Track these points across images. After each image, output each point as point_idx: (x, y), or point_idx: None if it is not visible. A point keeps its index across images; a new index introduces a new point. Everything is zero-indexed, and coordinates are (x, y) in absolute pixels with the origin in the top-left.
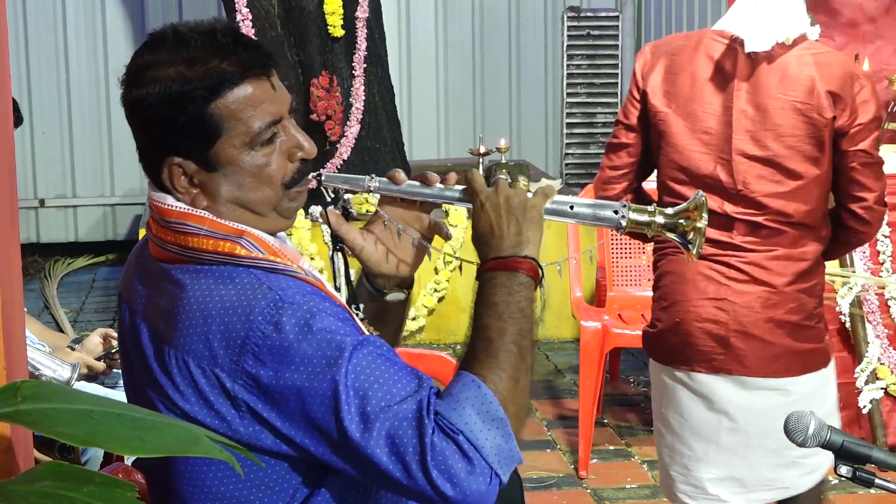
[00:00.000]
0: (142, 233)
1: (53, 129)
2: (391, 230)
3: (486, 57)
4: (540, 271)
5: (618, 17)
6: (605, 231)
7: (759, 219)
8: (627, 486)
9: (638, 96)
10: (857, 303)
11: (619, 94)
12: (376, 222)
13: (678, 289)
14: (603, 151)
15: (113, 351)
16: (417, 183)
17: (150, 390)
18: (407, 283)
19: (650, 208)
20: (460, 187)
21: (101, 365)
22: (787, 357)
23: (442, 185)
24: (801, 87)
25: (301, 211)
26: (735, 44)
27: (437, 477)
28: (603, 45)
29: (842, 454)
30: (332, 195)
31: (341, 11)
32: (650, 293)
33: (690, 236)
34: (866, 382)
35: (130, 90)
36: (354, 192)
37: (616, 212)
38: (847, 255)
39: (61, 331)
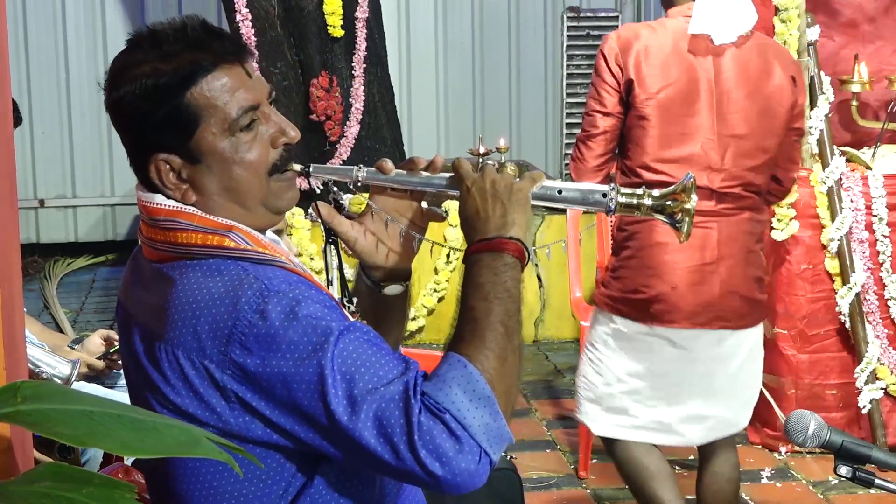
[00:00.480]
0: None
1: (53, 130)
2: (380, 220)
3: (485, 57)
4: (526, 253)
5: (617, 17)
6: (605, 229)
7: (736, 189)
8: (627, 487)
9: (617, 85)
10: (857, 303)
11: None
12: (367, 213)
13: (670, 258)
14: None
15: (112, 351)
16: (405, 172)
17: (144, 388)
18: (404, 276)
19: (639, 191)
20: (447, 175)
21: (100, 363)
22: (754, 308)
23: (429, 173)
24: (769, 72)
25: (300, 211)
26: (702, 36)
27: (425, 456)
28: None
29: (842, 454)
30: (322, 187)
31: (341, 12)
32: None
33: (679, 217)
34: (866, 382)
35: (110, 93)
36: (345, 185)
37: (605, 195)
38: (847, 256)
39: (61, 331)
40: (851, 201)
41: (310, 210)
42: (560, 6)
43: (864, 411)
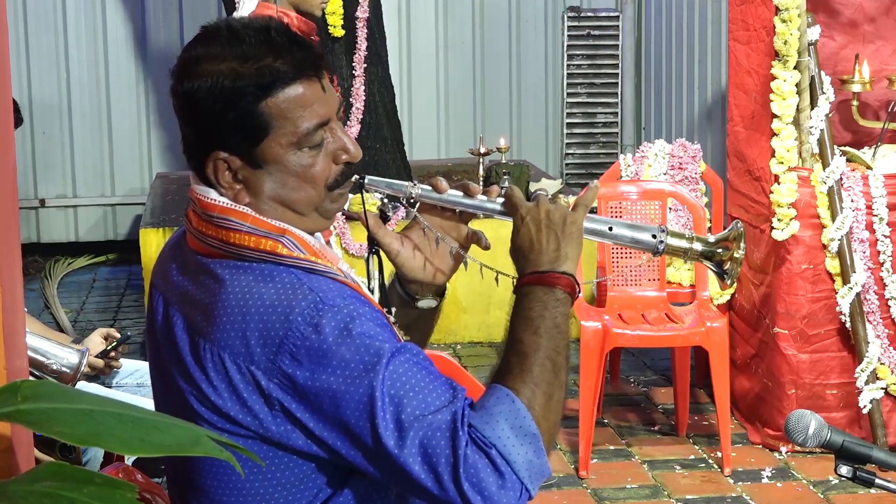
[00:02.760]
0: (142, 233)
1: (54, 130)
2: (429, 237)
3: (486, 57)
4: (577, 288)
5: (618, 16)
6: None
7: None
8: (628, 486)
9: None
10: (857, 303)
11: (619, 94)
12: (414, 228)
13: None
14: (603, 151)
15: (110, 349)
16: (459, 192)
17: (182, 382)
18: (440, 291)
19: (688, 234)
20: (501, 200)
21: (100, 362)
22: None
23: (484, 197)
24: None
25: None
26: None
27: (468, 489)
28: (603, 45)
29: (842, 454)
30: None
31: (341, 11)
32: (650, 293)
33: (727, 267)
34: (866, 382)
35: (181, 82)
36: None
37: (654, 236)
38: (847, 255)
39: (62, 331)
40: (852, 201)
41: None
42: (560, 6)
43: (865, 411)
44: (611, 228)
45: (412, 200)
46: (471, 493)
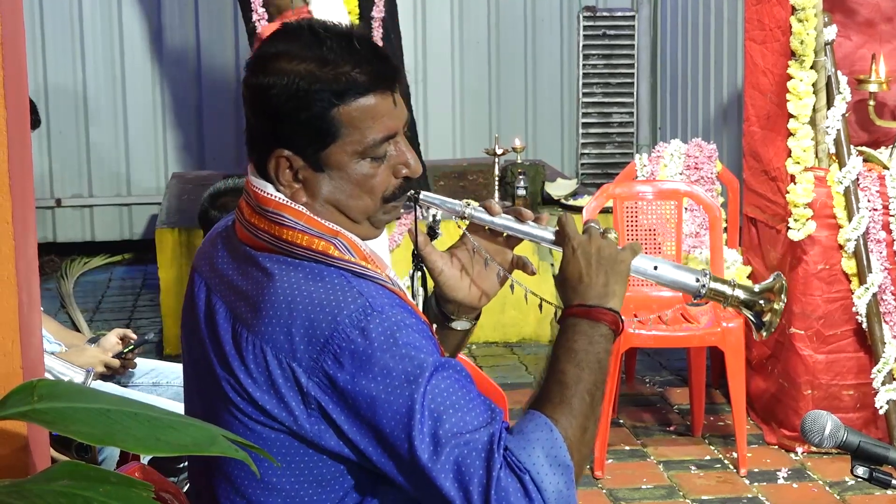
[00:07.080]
0: (157, 233)
1: (70, 129)
2: (475, 259)
3: (501, 57)
4: (621, 325)
5: (634, 16)
6: (622, 230)
7: None
8: (643, 487)
9: None
10: (874, 303)
11: (634, 93)
12: (461, 248)
13: None
14: (619, 151)
15: (127, 350)
16: (511, 217)
17: (220, 369)
18: (476, 314)
19: (731, 280)
20: (553, 229)
21: (116, 362)
22: None
23: (535, 224)
24: None
25: None
26: None
27: None
28: (619, 45)
29: (859, 455)
30: (424, 215)
31: (357, 11)
32: (666, 293)
33: (767, 318)
34: (883, 383)
35: (256, 75)
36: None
37: (697, 280)
38: (864, 256)
39: (77, 330)
40: (868, 201)
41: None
42: (576, 5)
43: (881, 412)
44: (656, 268)
45: (464, 219)
46: None
